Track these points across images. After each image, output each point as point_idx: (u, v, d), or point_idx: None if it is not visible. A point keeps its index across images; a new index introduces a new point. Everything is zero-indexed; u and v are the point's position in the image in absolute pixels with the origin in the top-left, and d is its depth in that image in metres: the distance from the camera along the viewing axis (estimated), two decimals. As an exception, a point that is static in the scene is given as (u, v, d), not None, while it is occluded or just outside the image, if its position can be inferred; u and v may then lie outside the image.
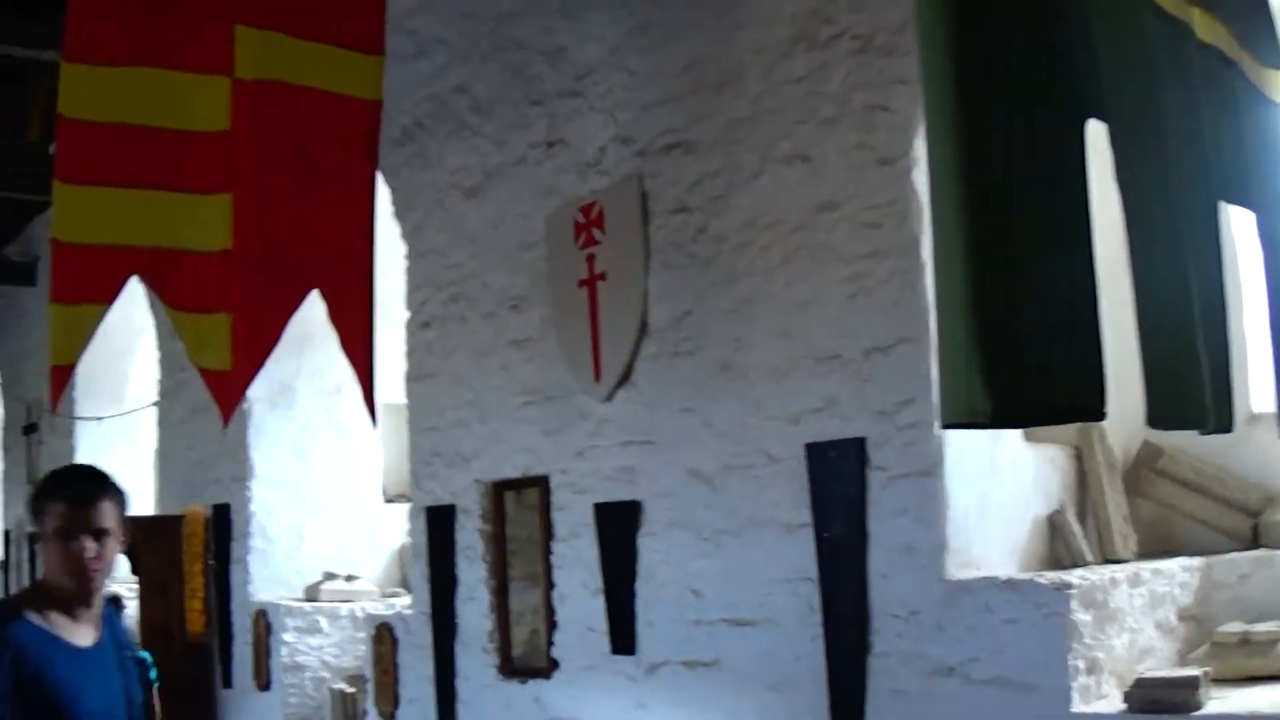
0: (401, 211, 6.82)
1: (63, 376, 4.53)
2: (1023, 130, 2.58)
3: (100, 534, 2.72)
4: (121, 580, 10.39)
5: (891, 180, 4.26)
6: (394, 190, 6.71)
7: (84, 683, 2.65)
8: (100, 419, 10.11)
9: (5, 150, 11.68)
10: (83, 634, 2.77)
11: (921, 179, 4.11)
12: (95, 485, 2.77)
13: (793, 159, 4.62)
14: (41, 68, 10.77)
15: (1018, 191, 2.57)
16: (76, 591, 2.73)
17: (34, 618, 2.65)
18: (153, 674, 6.55)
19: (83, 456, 11.36)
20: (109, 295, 4.57)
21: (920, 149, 4.05)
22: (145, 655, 6.83)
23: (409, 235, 6.82)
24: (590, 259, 5.51)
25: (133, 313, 9.69)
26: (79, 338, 4.52)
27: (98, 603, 2.79)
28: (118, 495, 2.77)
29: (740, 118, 4.85)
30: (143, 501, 10.92)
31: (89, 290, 4.51)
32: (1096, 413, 2.57)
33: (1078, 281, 2.56)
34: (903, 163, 4.24)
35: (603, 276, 5.46)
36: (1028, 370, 2.54)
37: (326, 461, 8.49)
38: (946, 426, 2.72)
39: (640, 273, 5.28)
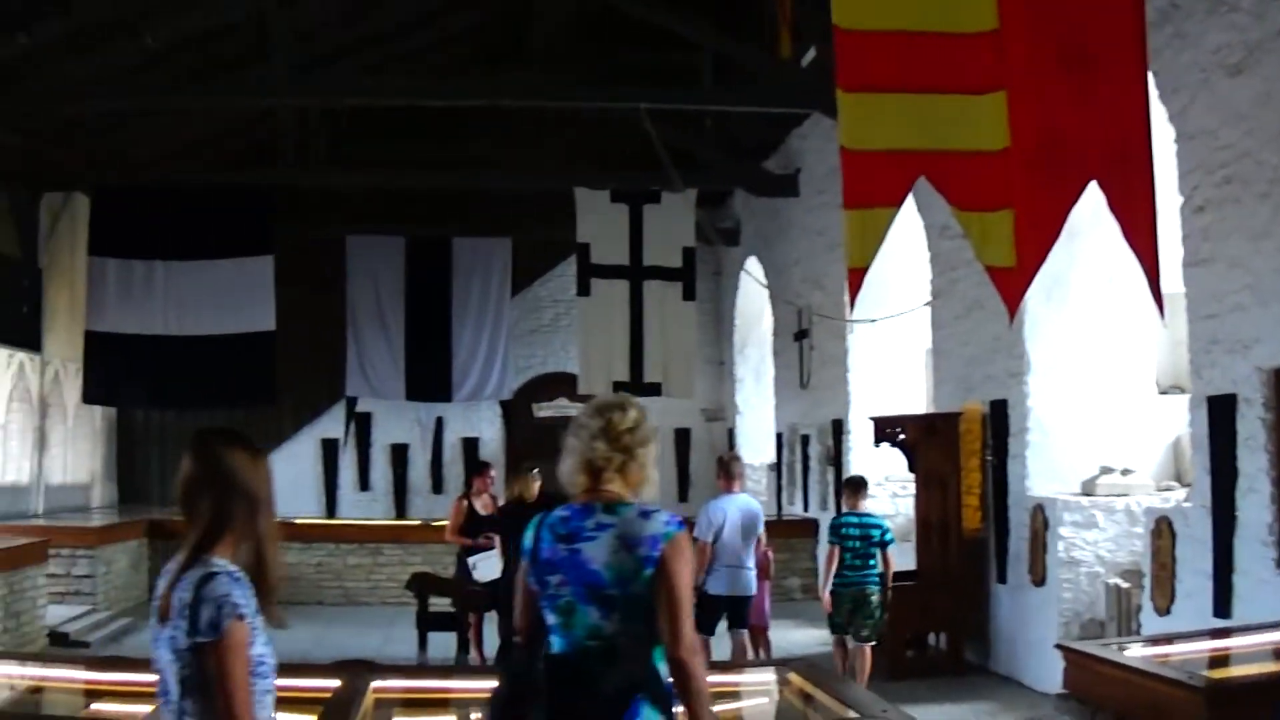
0: (1166, 94, 8.42)
1: (859, 279, 5.86)
2: None
3: None
4: (898, 478, 12.86)
5: None
6: (1156, 74, 8.36)
7: None
8: (874, 321, 12.38)
9: (761, 68, 14.38)
10: None
11: None
12: None
13: None
14: (785, -16, 13.09)
15: None
16: None
17: None
18: (889, 536, 9.14)
19: (855, 359, 13.98)
20: (898, 198, 5.94)
21: None
22: (882, 521, 9.74)
23: (1176, 118, 8.38)
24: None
25: (899, 215, 11.67)
26: (872, 240, 5.84)
27: None
28: None
29: None
30: (916, 400, 13.22)
31: (879, 194, 5.85)
32: None
33: None
34: None
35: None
36: None
37: (1100, 354, 10.07)
38: None
39: None
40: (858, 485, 10.81)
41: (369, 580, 16.77)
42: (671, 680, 3.84)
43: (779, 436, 18.38)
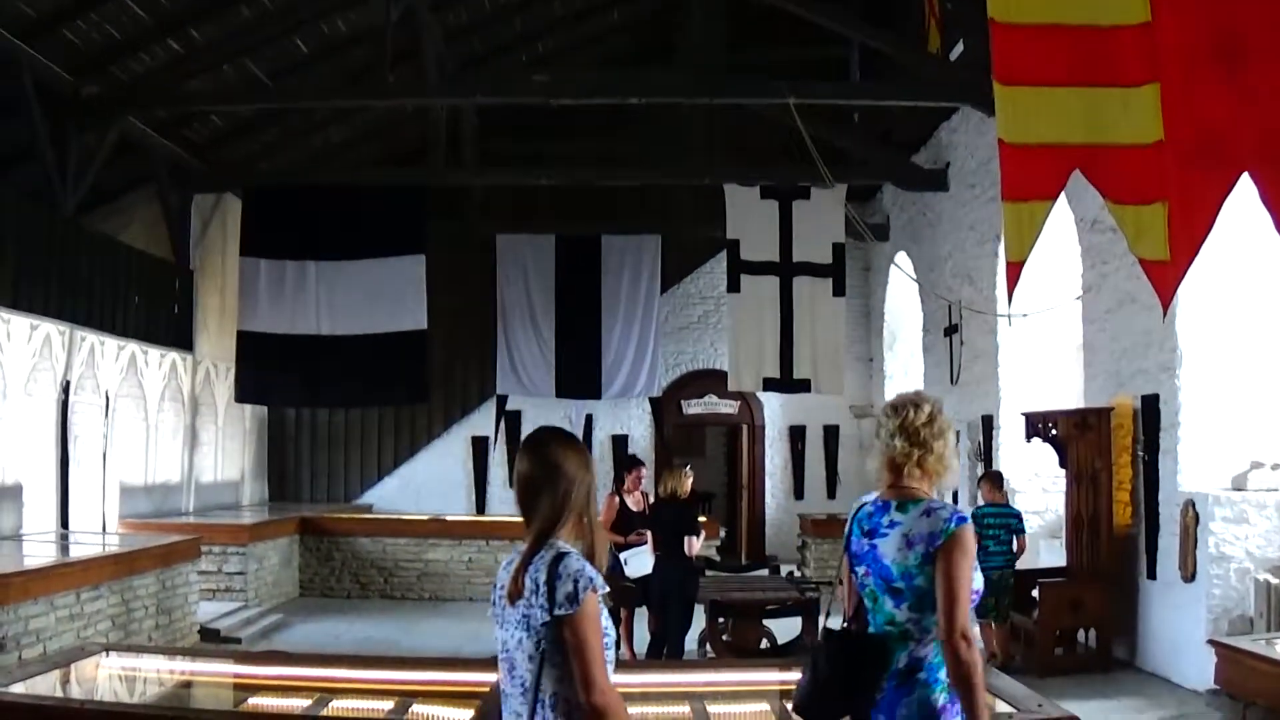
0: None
1: (1016, 272, 6.06)
2: None
3: None
4: (1048, 474, 13.01)
5: None
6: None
7: None
8: (1025, 315, 12.51)
9: (910, 62, 14.59)
10: None
11: None
12: None
13: None
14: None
15: None
16: None
17: None
18: (1022, 524, 11.73)
19: (1005, 354, 14.17)
20: (1054, 191, 6.33)
21: None
22: (1018, 510, 10.45)
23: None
24: None
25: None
26: (1030, 233, 6.04)
27: None
28: None
29: None
30: (1069, 395, 13.38)
31: (1036, 187, 6.07)
32: None
33: None
34: None
35: None
36: None
37: (1252, 348, 10.42)
38: None
39: None
40: (998, 479, 12.19)
41: (520, 577, 17.06)
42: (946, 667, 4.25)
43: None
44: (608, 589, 3.90)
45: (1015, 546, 11.56)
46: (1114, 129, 6.00)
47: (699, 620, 11.63)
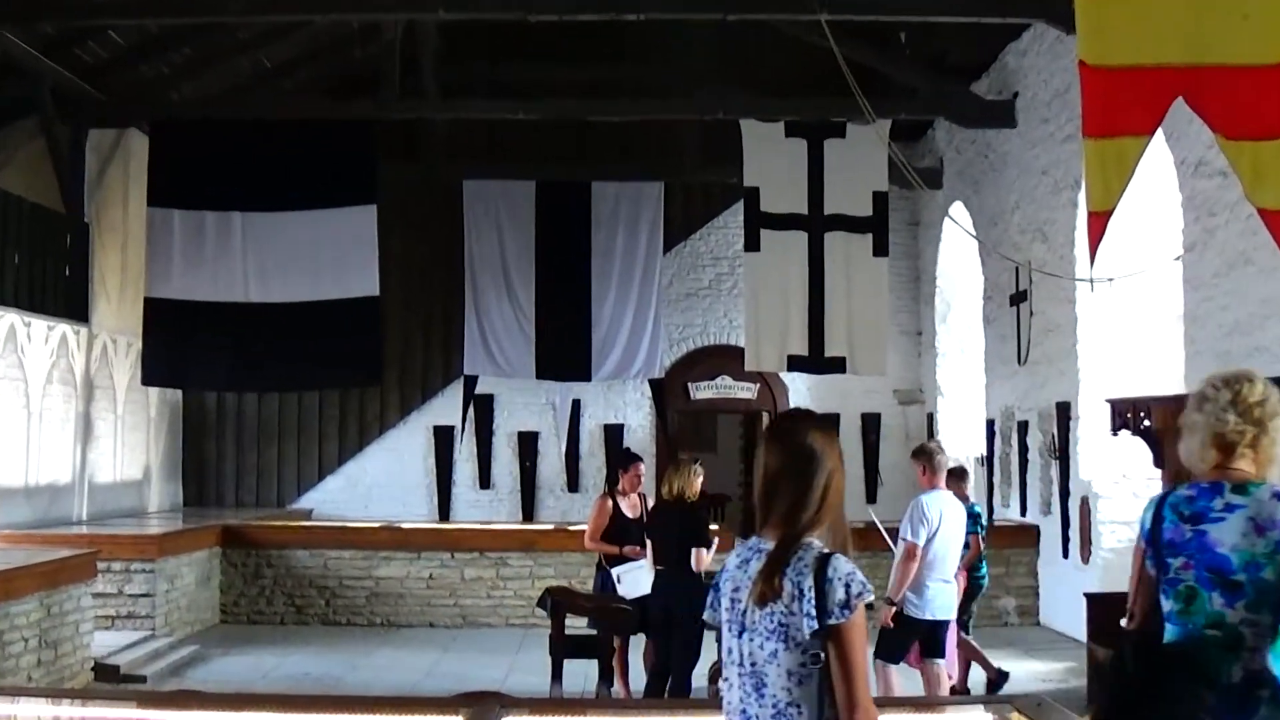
0: None
1: (1101, 224, 6.14)
2: None
3: None
4: (1143, 475, 12.90)
5: None
6: None
7: None
8: (1111, 280, 12.37)
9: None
10: None
11: None
12: None
13: None
14: None
15: None
16: None
17: None
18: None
19: (1086, 327, 14.03)
20: (1150, 125, 6.24)
21: None
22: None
23: None
24: None
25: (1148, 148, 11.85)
26: (1118, 178, 6.15)
27: None
28: None
29: None
30: (1166, 378, 13.28)
31: (1127, 120, 6.17)
32: None
33: None
34: None
35: None
36: None
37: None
38: None
39: None
40: (963, 474, 13.02)
41: (490, 597, 17.13)
42: None
43: (990, 423, 18.51)
44: (873, 595, 4.02)
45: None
46: (1227, 46, 5.98)
47: (709, 650, 11.38)
